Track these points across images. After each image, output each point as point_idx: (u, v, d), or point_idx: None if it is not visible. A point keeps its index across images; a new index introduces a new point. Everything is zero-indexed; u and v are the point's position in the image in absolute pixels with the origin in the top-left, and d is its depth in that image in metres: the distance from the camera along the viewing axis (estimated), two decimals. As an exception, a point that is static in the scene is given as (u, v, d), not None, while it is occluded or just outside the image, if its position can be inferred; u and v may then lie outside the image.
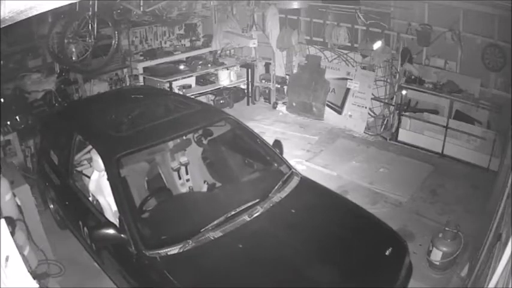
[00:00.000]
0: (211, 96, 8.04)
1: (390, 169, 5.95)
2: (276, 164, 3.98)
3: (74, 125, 4.21)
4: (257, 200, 3.42)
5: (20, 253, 3.19)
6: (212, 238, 3.06)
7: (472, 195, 5.27)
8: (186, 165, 4.42)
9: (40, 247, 3.77)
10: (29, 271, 1.84)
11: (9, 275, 1.58)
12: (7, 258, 1.59)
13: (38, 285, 1.88)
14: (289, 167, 3.92)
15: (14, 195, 3.53)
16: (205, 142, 4.57)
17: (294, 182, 3.70)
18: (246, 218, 3.25)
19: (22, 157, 5.64)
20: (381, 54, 6.68)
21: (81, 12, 4.81)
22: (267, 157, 4.08)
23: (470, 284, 3.42)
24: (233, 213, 3.27)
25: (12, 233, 3.39)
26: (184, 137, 4.32)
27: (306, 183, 3.79)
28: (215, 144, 4.55)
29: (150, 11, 5.83)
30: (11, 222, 3.26)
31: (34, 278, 1.99)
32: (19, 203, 3.64)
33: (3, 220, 1.60)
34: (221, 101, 7.95)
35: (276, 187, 3.59)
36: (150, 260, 2.93)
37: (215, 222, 3.17)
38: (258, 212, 3.32)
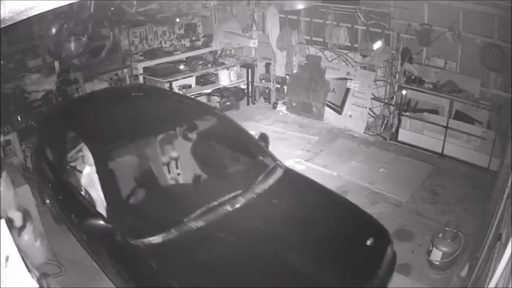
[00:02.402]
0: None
1: (390, 169, 5.95)
2: (261, 157, 4.08)
3: (67, 122, 4.36)
4: (239, 191, 3.53)
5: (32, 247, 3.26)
6: (195, 227, 3.17)
7: (472, 195, 5.27)
8: (176, 159, 4.46)
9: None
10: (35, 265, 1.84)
11: (9, 275, 1.58)
12: (7, 258, 1.59)
13: (38, 285, 1.88)
14: (274, 159, 4.04)
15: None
16: (191, 136, 4.61)
17: (278, 174, 3.81)
18: (228, 208, 3.36)
19: (22, 157, 5.64)
20: (381, 54, 6.68)
21: (79, 12, 4.83)
22: (252, 150, 4.18)
23: (470, 284, 3.43)
24: (215, 203, 3.38)
25: (24, 226, 3.46)
26: (170, 132, 4.40)
27: (289, 174, 3.91)
28: (203, 137, 4.63)
29: (143, 11, 5.84)
30: (25, 214, 3.35)
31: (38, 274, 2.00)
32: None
33: (3, 220, 1.60)
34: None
35: (259, 178, 3.70)
36: (134, 248, 3.04)
37: (197, 212, 3.28)
38: (240, 202, 3.43)
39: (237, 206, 3.41)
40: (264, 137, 4.30)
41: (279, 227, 3.24)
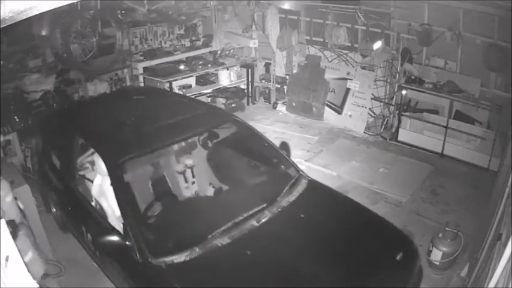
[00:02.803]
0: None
1: (390, 169, 5.94)
2: (283, 167, 3.90)
3: (76, 127, 4.12)
4: (265, 205, 3.35)
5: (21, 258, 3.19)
6: (220, 245, 3.00)
7: (472, 195, 5.26)
8: (191, 168, 4.28)
9: (41, 248, 3.77)
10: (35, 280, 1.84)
11: (9, 275, 1.58)
12: (7, 258, 1.59)
13: (38, 285, 1.88)
14: (297, 169, 3.85)
15: (16, 198, 3.49)
16: (210, 145, 4.45)
17: (302, 185, 3.62)
18: (254, 223, 3.18)
19: (22, 157, 5.64)
20: (381, 54, 6.68)
21: (83, 11, 4.80)
22: (274, 160, 3.99)
23: (470, 284, 3.43)
24: (240, 218, 3.20)
25: (14, 237, 3.38)
26: (189, 140, 4.21)
27: (314, 186, 3.71)
28: (221, 146, 4.43)
29: (155, 8, 5.81)
30: (12, 226, 3.25)
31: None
32: (21, 207, 3.60)
33: (3, 220, 1.60)
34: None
35: (284, 191, 3.52)
36: (155, 268, 2.87)
37: (222, 228, 3.10)
38: (266, 217, 3.25)
39: (263, 220, 3.21)
40: (285, 146, 4.06)
41: (308, 242, 3.06)
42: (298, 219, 3.31)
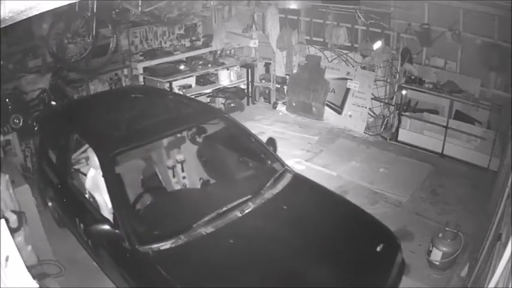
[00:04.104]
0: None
1: (390, 169, 5.94)
2: (269, 162, 4.04)
3: (71, 124, 4.28)
4: (249, 197, 3.48)
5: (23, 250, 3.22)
6: (204, 233, 3.13)
7: (472, 195, 5.26)
8: (182, 162, 4.45)
9: (40, 247, 3.78)
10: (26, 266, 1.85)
11: (9, 275, 1.58)
12: (7, 258, 1.59)
13: (38, 285, 1.88)
14: (283, 164, 3.98)
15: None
16: (199, 140, 4.61)
17: (287, 179, 3.75)
18: (237, 214, 3.31)
19: (22, 157, 5.64)
20: (381, 54, 6.68)
21: (81, 12, 4.81)
22: (260, 155, 4.13)
23: (470, 284, 3.43)
24: (225, 209, 3.33)
25: (18, 228, 3.44)
26: (178, 135, 4.38)
27: (298, 180, 3.85)
28: (210, 142, 4.59)
29: (149, 11, 5.83)
30: (20, 217, 3.32)
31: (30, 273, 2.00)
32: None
33: (3, 220, 1.61)
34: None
35: (268, 184, 3.64)
36: (143, 255, 3.00)
37: (207, 218, 3.23)
38: (249, 208, 3.38)
39: (247, 211, 3.34)
40: (272, 142, 4.21)
41: (289, 233, 3.18)
42: (281, 210, 3.45)
